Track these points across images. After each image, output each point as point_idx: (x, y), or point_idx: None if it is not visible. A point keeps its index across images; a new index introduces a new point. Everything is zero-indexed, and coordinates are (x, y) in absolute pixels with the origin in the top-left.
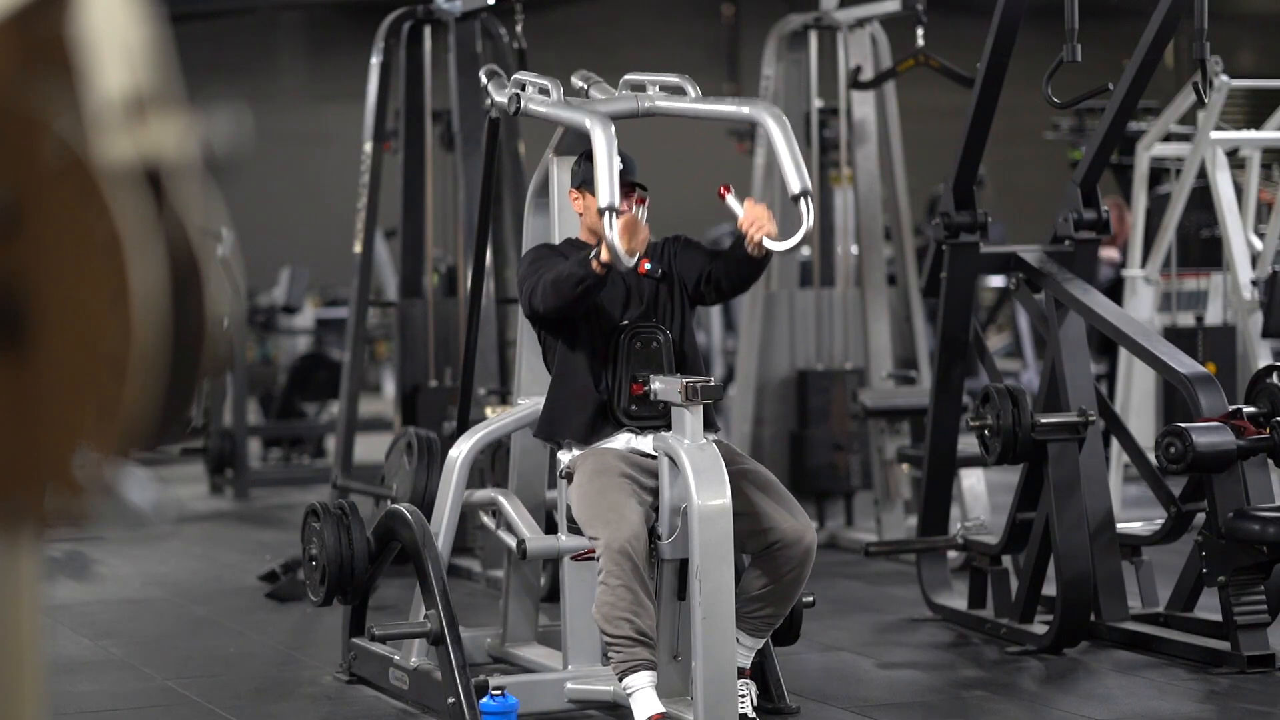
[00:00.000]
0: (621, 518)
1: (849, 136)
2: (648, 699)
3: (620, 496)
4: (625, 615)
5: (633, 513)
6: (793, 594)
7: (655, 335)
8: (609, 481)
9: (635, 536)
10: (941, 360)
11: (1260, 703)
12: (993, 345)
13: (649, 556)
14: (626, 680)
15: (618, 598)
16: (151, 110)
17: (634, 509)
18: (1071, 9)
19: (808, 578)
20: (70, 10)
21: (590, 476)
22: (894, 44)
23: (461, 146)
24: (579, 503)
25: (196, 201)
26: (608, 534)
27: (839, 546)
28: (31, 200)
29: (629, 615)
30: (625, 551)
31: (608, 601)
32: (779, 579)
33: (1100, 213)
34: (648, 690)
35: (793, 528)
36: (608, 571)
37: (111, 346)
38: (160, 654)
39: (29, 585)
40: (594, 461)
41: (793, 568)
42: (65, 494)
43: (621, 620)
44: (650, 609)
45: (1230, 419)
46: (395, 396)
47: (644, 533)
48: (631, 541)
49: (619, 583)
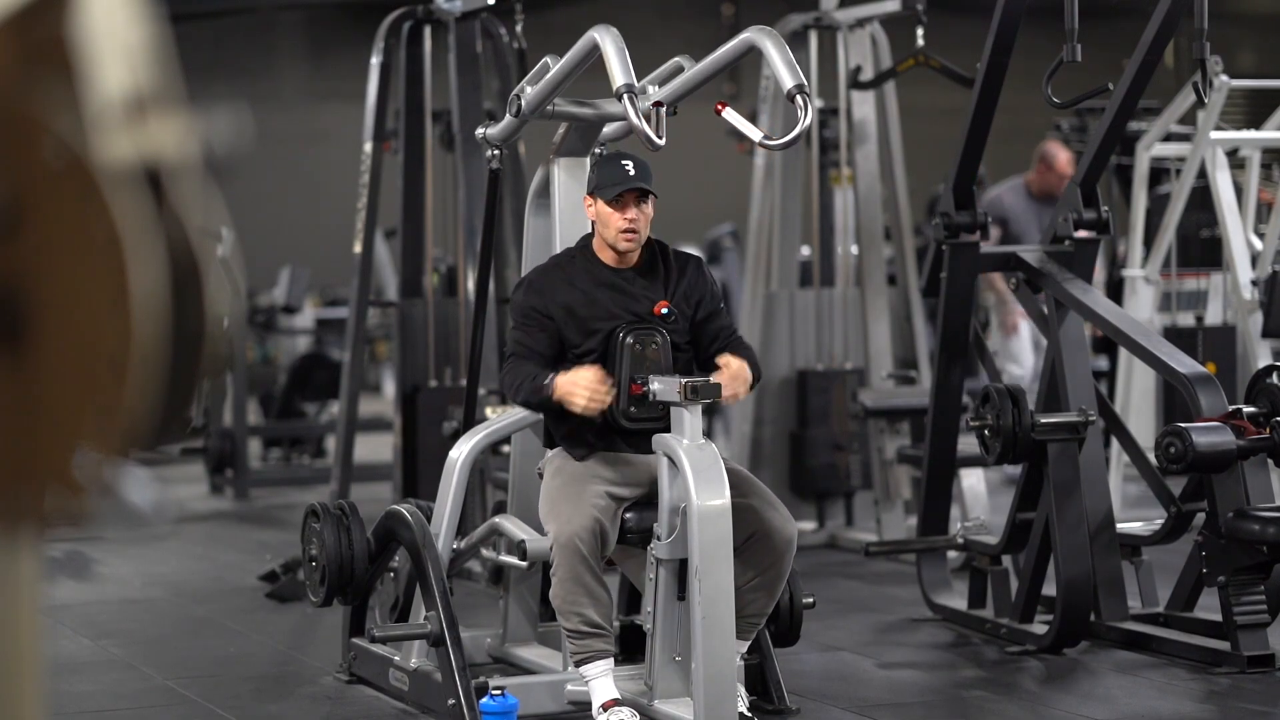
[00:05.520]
0: (574, 512)
1: (849, 136)
2: (603, 686)
3: (577, 492)
4: (574, 609)
5: (585, 508)
6: (775, 588)
7: (654, 336)
8: (570, 479)
9: (583, 530)
10: (941, 360)
11: (1260, 703)
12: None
13: (601, 550)
14: (582, 669)
15: (566, 591)
16: (151, 110)
17: (587, 505)
18: (1071, 9)
19: (788, 570)
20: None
21: (554, 474)
22: (894, 44)
23: (461, 146)
24: (541, 499)
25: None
26: (556, 528)
27: (839, 546)
28: (31, 200)
29: (577, 608)
30: (571, 545)
31: (558, 595)
32: (760, 572)
33: (1100, 213)
34: (603, 679)
35: (770, 519)
36: (556, 564)
37: (111, 346)
38: (160, 654)
39: (29, 585)
40: (561, 459)
41: (773, 560)
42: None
43: (571, 613)
44: (603, 598)
45: (1230, 419)
46: (395, 396)
47: (596, 527)
48: (579, 535)
49: (566, 575)
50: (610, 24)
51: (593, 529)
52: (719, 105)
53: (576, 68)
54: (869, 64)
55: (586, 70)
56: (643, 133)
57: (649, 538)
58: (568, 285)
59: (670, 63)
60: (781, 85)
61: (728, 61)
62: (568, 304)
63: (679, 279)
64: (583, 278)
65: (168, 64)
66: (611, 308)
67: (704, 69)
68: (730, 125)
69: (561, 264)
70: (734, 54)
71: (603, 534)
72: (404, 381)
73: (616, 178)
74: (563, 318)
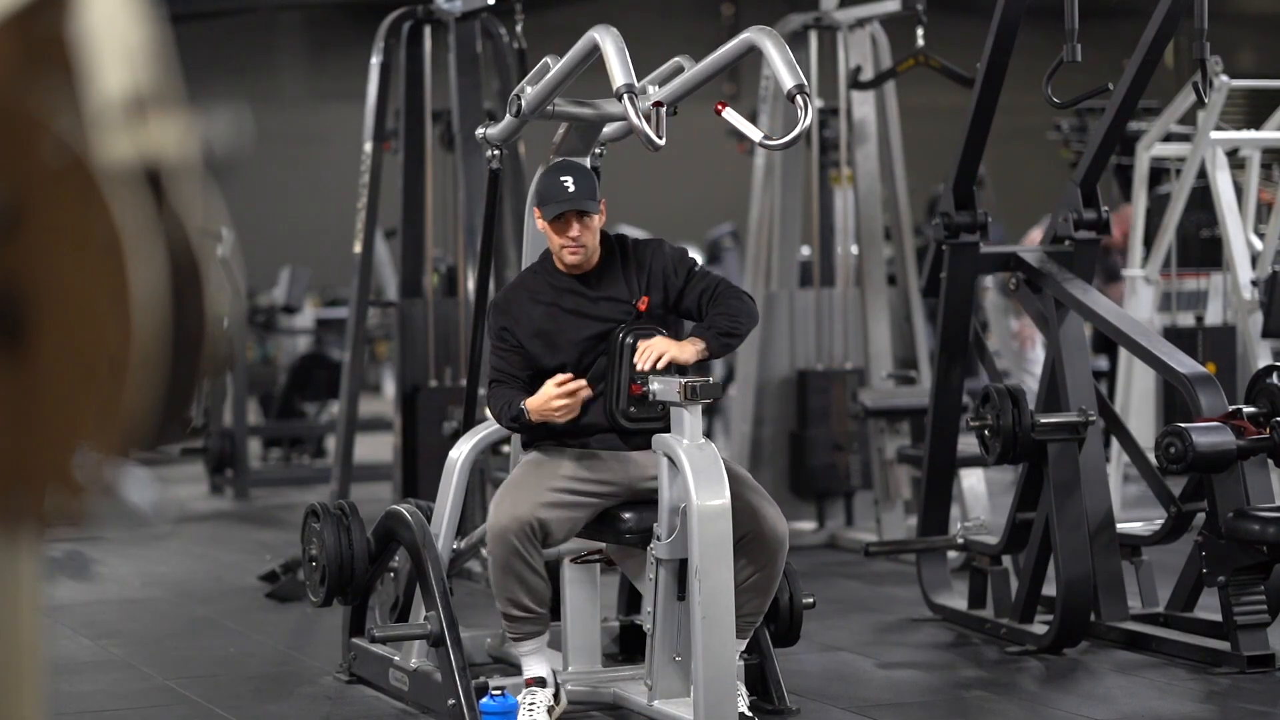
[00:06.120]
0: (513, 505)
1: (849, 136)
2: (531, 663)
3: (530, 485)
4: (505, 594)
5: (527, 502)
6: (770, 586)
7: (652, 336)
8: (529, 471)
9: (514, 523)
10: (941, 360)
11: (1260, 703)
12: (993, 345)
13: (542, 543)
14: (516, 649)
15: (497, 577)
16: (151, 110)
17: (532, 499)
18: (1071, 9)
19: (783, 567)
20: (70, 10)
21: (521, 465)
22: (894, 44)
23: (461, 146)
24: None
25: (196, 201)
26: (493, 518)
27: (839, 546)
28: (31, 200)
29: (509, 594)
30: (501, 537)
31: (492, 580)
32: (757, 570)
33: (1100, 213)
34: (532, 656)
35: (763, 518)
36: (489, 551)
37: (111, 346)
38: (160, 654)
39: (29, 585)
40: (536, 456)
41: (768, 558)
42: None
43: (503, 598)
44: (536, 585)
45: (1230, 419)
46: (395, 396)
47: (533, 522)
48: (509, 527)
49: (497, 563)
50: (610, 24)
51: (527, 522)
52: (719, 105)
53: (576, 68)
54: (869, 64)
55: (586, 70)
56: (643, 133)
57: (649, 538)
58: (532, 302)
59: (670, 63)
60: (781, 85)
61: (728, 61)
62: (534, 323)
63: (641, 271)
64: (546, 292)
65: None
66: (575, 325)
67: (704, 69)
68: (730, 125)
69: (525, 281)
70: (734, 54)
71: (542, 528)
72: (404, 381)
73: (555, 195)
74: (526, 336)
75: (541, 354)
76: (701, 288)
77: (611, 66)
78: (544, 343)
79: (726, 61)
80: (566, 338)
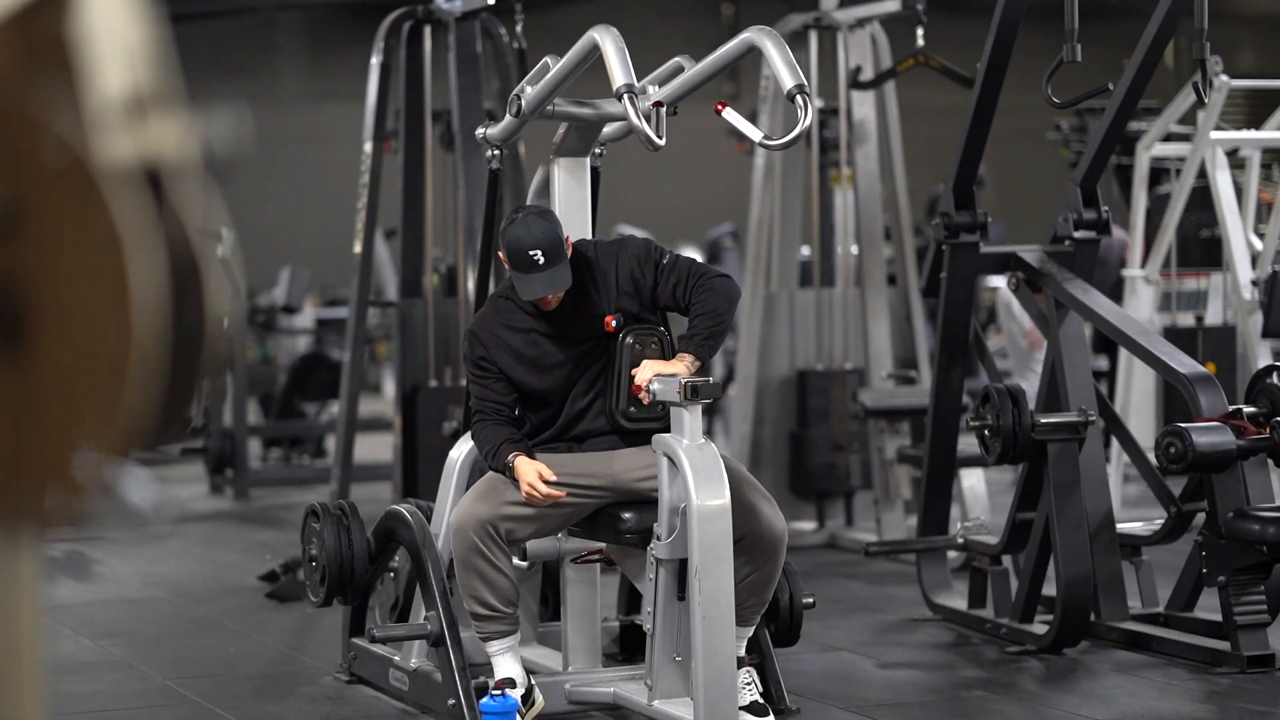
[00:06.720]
0: (476, 503)
1: (849, 136)
2: (502, 664)
3: (499, 486)
4: (470, 592)
5: (492, 502)
6: (770, 582)
7: (652, 336)
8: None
9: (474, 520)
10: (941, 360)
11: (1260, 703)
12: (993, 345)
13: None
14: (485, 647)
15: (460, 574)
16: (151, 110)
17: (498, 499)
18: (1071, 9)
19: (781, 565)
20: (70, 10)
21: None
22: (894, 44)
23: (461, 146)
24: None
25: (196, 201)
26: (455, 515)
27: (839, 546)
28: (31, 200)
29: (472, 592)
30: (461, 533)
31: (457, 577)
32: (756, 568)
33: (1100, 213)
34: (502, 656)
35: (761, 516)
36: (452, 549)
37: (111, 346)
38: (160, 654)
39: (29, 585)
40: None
41: (767, 556)
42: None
43: (468, 596)
44: (500, 583)
45: (1230, 419)
46: (395, 396)
47: (495, 521)
48: (469, 524)
49: (459, 560)
50: (610, 24)
51: (487, 520)
52: (719, 105)
53: (576, 68)
54: (869, 64)
55: (586, 70)
56: (643, 133)
57: (649, 538)
58: (509, 330)
59: (670, 63)
60: (781, 85)
61: (728, 61)
62: (512, 349)
63: (610, 279)
64: (520, 316)
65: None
66: (557, 347)
67: (704, 69)
68: (730, 125)
69: (498, 309)
70: (734, 54)
71: (505, 526)
72: (404, 381)
73: (524, 265)
74: (510, 365)
75: (528, 380)
76: (674, 281)
77: (611, 66)
78: (529, 369)
79: (726, 62)
80: (550, 361)
